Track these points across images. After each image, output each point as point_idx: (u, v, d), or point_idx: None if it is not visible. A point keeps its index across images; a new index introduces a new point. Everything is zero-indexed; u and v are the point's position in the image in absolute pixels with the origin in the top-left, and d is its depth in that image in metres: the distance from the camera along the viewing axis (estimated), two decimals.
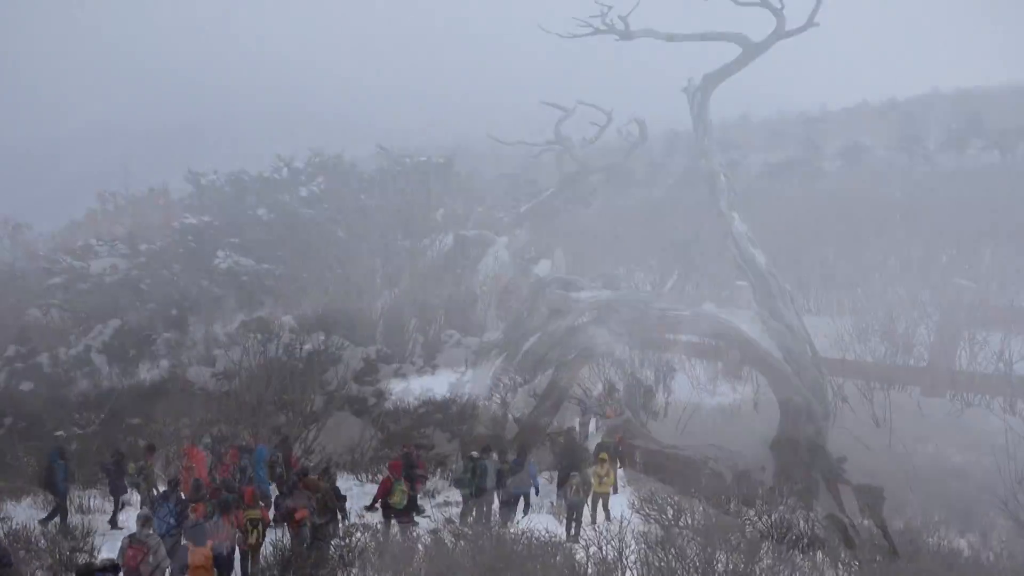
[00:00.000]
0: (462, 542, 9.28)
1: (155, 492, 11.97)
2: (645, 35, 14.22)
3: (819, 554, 8.65)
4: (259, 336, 16.62)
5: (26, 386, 20.47)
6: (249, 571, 9.90)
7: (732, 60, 14.15)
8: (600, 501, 12.95)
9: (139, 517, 8.93)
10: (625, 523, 9.18)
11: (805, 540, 8.94)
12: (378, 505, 11.51)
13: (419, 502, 12.25)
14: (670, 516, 9.96)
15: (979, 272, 15.71)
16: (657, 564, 7.52)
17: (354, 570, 9.31)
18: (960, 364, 8.20)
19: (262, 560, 9.91)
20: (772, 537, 9.22)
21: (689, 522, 9.53)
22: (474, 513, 12.25)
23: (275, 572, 9.55)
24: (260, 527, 10.04)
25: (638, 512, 11.06)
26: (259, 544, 10.00)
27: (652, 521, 10.27)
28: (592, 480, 12.75)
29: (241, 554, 9.88)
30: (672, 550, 7.64)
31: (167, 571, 8.80)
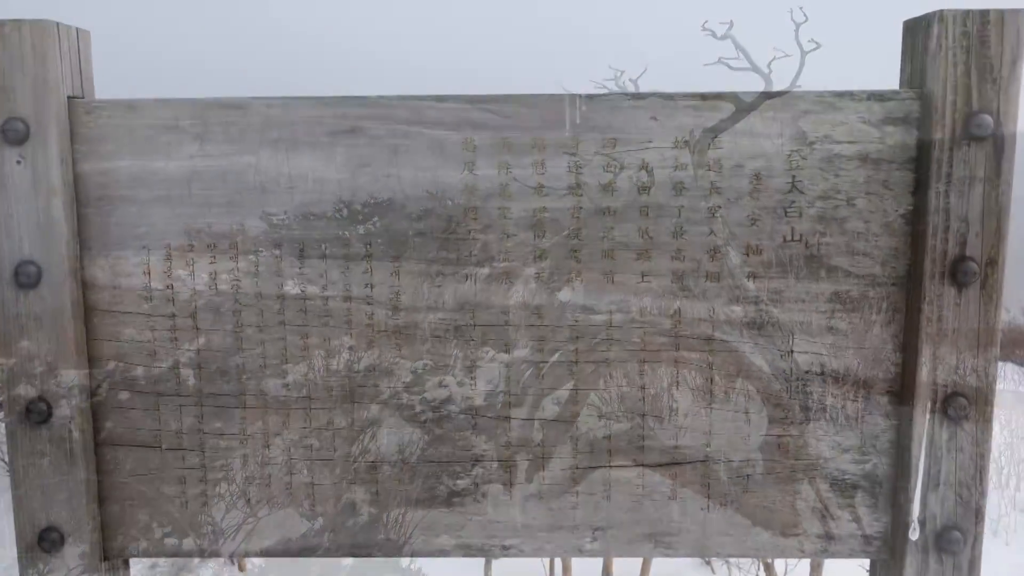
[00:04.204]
0: None
1: None
2: (652, 95, 14.32)
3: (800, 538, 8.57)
4: (322, 351, 16.62)
5: (123, 395, 20.69)
6: None
7: (726, 116, 14.29)
8: None
9: None
10: None
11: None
12: None
13: None
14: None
15: None
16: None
17: None
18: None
19: None
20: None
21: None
22: None
23: None
24: None
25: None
26: None
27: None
28: None
29: None
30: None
31: None
